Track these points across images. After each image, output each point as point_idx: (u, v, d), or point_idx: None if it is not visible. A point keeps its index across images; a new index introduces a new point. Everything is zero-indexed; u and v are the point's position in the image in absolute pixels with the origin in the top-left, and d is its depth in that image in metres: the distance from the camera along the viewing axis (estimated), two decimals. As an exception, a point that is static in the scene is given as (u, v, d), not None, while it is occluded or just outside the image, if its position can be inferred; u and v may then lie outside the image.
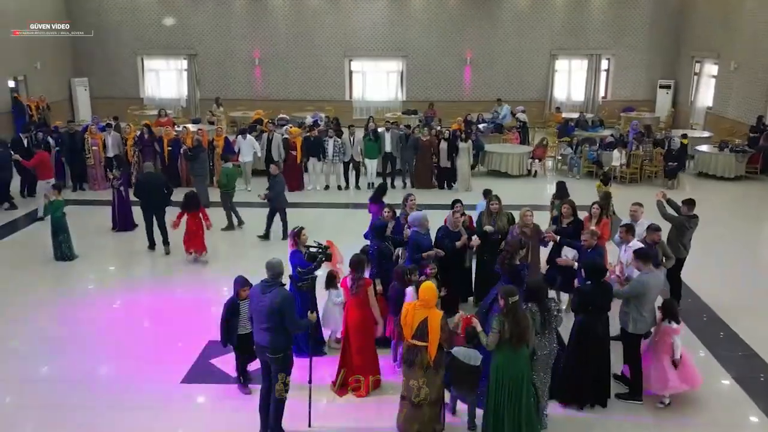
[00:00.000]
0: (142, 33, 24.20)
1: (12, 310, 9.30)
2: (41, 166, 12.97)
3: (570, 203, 9.25)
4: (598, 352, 6.87)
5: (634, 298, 6.96)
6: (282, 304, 5.98)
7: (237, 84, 24.35)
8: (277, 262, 6.17)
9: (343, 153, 15.33)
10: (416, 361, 6.11)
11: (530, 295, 6.51)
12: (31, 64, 21.79)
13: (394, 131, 15.73)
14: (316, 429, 6.62)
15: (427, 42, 24.17)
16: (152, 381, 7.50)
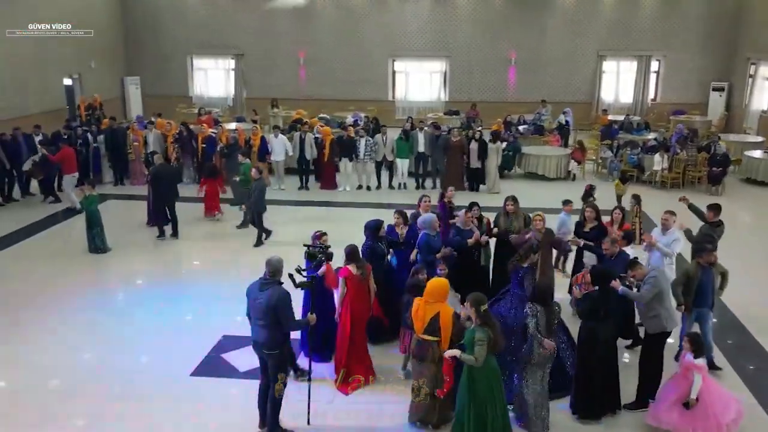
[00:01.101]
0: (191, 33, 24.77)
1: (41, 298, 9.69)
2: (66, 161, 13.41)
3: (593, 207, 9.04)
4: (606, 358, 6.72)
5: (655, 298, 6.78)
6: (278, 302, 6.04)
7: (282, 83, 24.62)
8: (276, 260, 6.22)
9: (375, 153, 15.36)
10: (428, 356, 6.17)
11: (537, 296, 6.46)
12: (85, 62, 22.62)
13: (427, 131, 15.67)
14: (315, 427, 6.66)
15: (471, 42, 23.99)
16: (163, 372, 7.71)
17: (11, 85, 18.60)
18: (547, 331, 6.32)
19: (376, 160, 15.49)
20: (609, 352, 6.74)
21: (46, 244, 12.18)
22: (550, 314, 6.33)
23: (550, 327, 6.35)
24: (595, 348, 6.65)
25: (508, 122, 19.74)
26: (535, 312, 6.29)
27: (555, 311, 6.43)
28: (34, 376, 7.62)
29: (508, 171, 17.25)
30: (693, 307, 7.53)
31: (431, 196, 9.87)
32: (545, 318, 6.31)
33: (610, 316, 6.69)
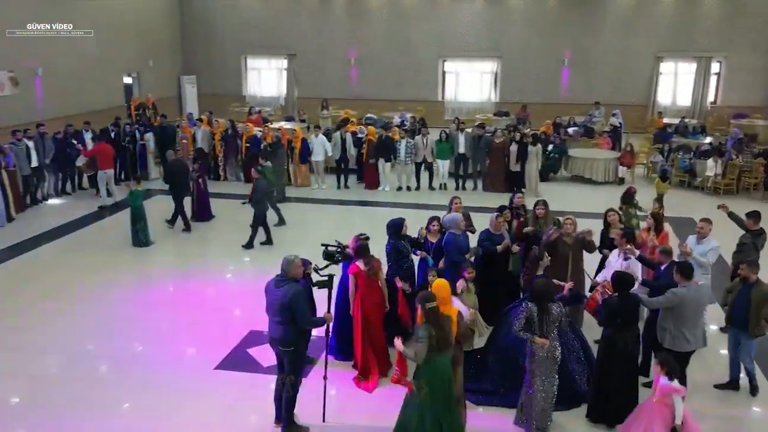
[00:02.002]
0: (246, 33, 25.27)
1: (81, 288, 10.09)
2: (101, 156, 13.83)
3: (615, 210, 8.81)
4: (625, 366, 6.55)
5: (669, 312, 6.57)
6: (292, 299, 6.10)
7: (332, 83, 24.89)
8: (290, 258, 6.28)
9: (415, 154, 15.33)
10: None
11: (533, 295, 6.40)
12: (144, 61, 23.39)
13: (468, 132, 15.54)
14: (330, 424, 6.71)
15: (523, 42, 23.67)
16: (188, 364, 7.92)
17: (75, 83, 19.38)
18: (540, 331, 6.22)
19: (416, 161, 15.45)
20: (628, 361, 6.55)
21: (93, 236, 12.64)
22: (543, 314, 6.22)
23: (544, 328, 6.22)
24: (612, 356, 6.50)
25: (557, 124, 19.38)
26: (528, 312, 6.19)
27: (552, 313, 6.29)
28: (68, 364, 7.93)
29: (554, 174, 16.95)
30: (730, 326, 7.29)
31: (473, 198, 9.75)
32: (538, 318, 6.21)
33: (630, 325, 6.51)
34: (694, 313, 6.63)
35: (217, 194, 14.40)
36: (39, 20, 17.87)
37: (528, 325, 6.33)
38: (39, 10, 18.07)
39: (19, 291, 10.04)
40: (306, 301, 6.35)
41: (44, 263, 11.27)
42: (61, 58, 18.83)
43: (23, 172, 13.40)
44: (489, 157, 15.36)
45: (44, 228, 12.74)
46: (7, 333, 8.68)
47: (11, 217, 12.87)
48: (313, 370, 7.59)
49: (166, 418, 6.87)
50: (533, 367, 6.42)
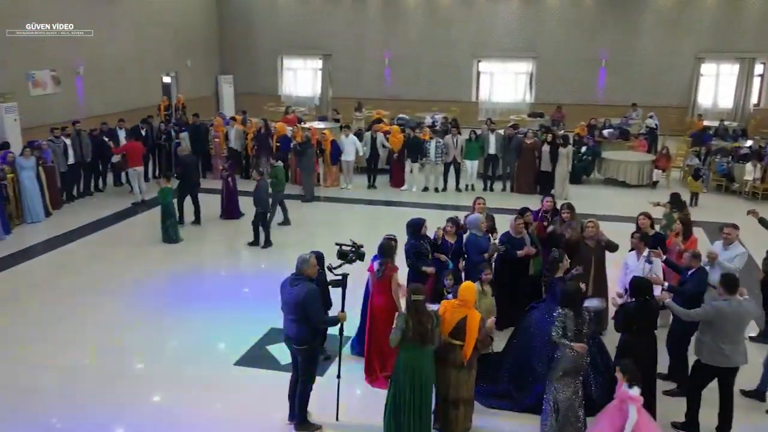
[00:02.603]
0: (282, 33, 25.56)
1: (111, 283, 10.33)
2: (130, 154, 14.16)
3: (646, 214, 8.64)
4: (642, 374, 6.36)
5: (708, 325, 6.35)
6: (306, 298, 6.14)
7: (367, 83, 24.99)
8: (304, 258, 6.32)
9: (445, 154, 15.28)
10: (449, 359, 6.11)
11: (565, 300, 6.28)
12: (182, 61, 23.83)
13: (499, 133, 15.43)
14: (344, 423, 6.75)
15: (559, 43, 23.40)
16: (209, 360, 8.04)
17: (114, 81, 19.85)
18: (576, 337, 6.13)
19: (446, 161, 15.39)
20: (644, 367, 6.37)
21: (125, 232, 12.94)
22: (578, 318, 6.13)
23: (580, 332, 6.15)
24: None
25: (592, 126, 19.09)
26: (563, 318, 6.10)
27: (585, 317, 6.20)
28: (95, 356, 8.13)
29: (587, 176, 16.71)
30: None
31: (501, 199, 9.67)
32: (573, 323, 6.12)
33: (647, 331, 6.37)
34: (735, 328, 6.33)
35: (248, 193, 14.53)
36: (79, 19, 18.38)
37: (565, 332, 6.24)
38: (79, 9, 18.55)
39: (54, 284, 10.35)
40: (319, 301, 6.37)
41: (77, 257, 11.58)
42: (101, 57, 19.31)
43: (60, 168, 13.78)
44: (519, 158, 15.23)
45: (79, 223, 13.09)
46: (38, 325, 8.93)
47: (48, 212, 13.23)
48: (331, 368, 7.62)
49: (185, 412, 6.98)
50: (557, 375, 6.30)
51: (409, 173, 15.76)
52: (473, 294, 6.17)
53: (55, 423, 6.77)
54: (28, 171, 12.59)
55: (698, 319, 6.44)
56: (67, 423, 6.78)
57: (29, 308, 9.43)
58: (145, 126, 15.86)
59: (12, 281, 10.46)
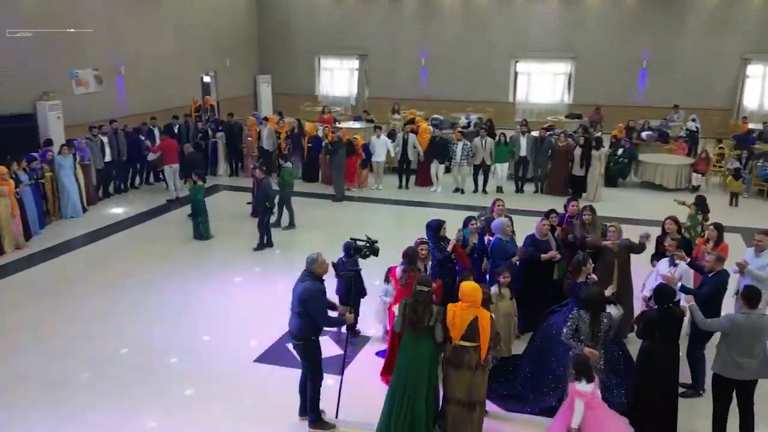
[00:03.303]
0: (320, 34, 25.69)
1: (141, 278, 10.57)
2: (166, 152, 14.45)
3: (673, 218, 8.42)
4: (663, 380, 6.26)
5: (725, 335, 6.17)
6: (308, 295, 6.28)
7: (402, 83, 24.95)
8: (312, 258, 6.42)
9: (472, 156, 15.17)
10: (464, 362, 6.04)
11: (583, 303, 6.22)
12: (221, 61, 24.19)
13: (530, 135, 15.25)
14: (343, 421, 6.78)
15: (599, 43, 22.97)
16: (230, 356, 8.14)
17: (154, 81, 20.24)
18: (591, 340, 6.04)
19: (474, 163, 15.28)
20: (666, 375, 6.24)
21: (158, 229, 13.21)
22: (594, 323, 6.03)
23: (595, 336, 6.04)
24: (649, 369, 6.25)
25: (630, 128, 18.71)
26: (576, 319, 6.01)
27: (602, 322, 6.10)
28: (120, 350, 8.33)
29: (623, 179, 16.38)
30: None
31: (532, 202, 9.56)
32: (588, 327, 6.01)
33: (670, 339, 6.21)
34: (753, 341, 6.09)
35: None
36: (126, 19, 18.83)
37: (577, 334, 6.17)
38: (126, 9, 19.01)
39: (86, 278, 10.63)
40: (323, 301, 6.45)
41: (111, 253, 11.86)
42: (142, 57, 19.70)
43: (97, 166, 14.14)
44: (551, 160, 15.03)
45: (114, 219, 13.43)
46: (70, 318, 9.18)
47: (84, 208, 13.58)
48: (352, 365, 7.70)
49: (204, 406, 7.10)
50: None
51: (434, 174, 15.71)
52: (478, 293, 6.09)
53: (81, 414, 6.93)
54: (66, 169, 12.96)
55: (713, 330, 6.29)
56: (92, 414, 6.94)
57: (61, 301, 9.69)
58: (176, 121, 16.13)
59: (46, 275, 10.79)
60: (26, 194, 11.89)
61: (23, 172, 12.02)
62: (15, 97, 15.43)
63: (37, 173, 12.42)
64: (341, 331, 8.24)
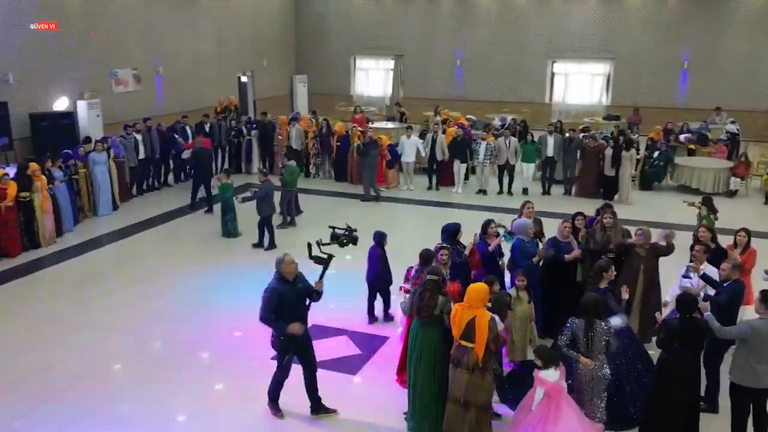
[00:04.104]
0: (356, 34, 25.79)
1: (168, 274, 10.76)
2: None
3: (707, 226, 8.17)
4: (683, 393, 6.06)
5: (743, 343, 5.99)
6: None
7: (437, 83, 24.88)
8: (280, 257, 6.53)
9: (496, 156, 15.02)
10: (462, 362, 6.02)
11: (580, 309, 6.13)
12: (259, 61, 24.46)
13: (557, 135, 15.03)
14: (356, 421, 6.83)
15: (638, 43, 22.50)
16: (247, 352, 8.20)
17: (192, 80, 20.60)
18: (586, 348, 5.96)
19: (498, 164, 15.12)
20: (686, 387, 6.04)
21: (189, 225, 13.42)
22: (589, 330, 5.94)
23: (590, 345, 5.94)
24: (667, 381, 6.06)
25: (668, 130, 18.28)
26: (573, 327, 5.90)
27: (598, 330, 5.97)
28: (141, 344, 8.50)
29: (658, 182, 16.00)
30: None
31: (561, 203, 9.42)
32: (583, 335, 5.92)
33: (691, 350, 6.03)
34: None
35: (307, 190, 14.85)
36: (165, 19, 19.23)
37: (573, 342, 6.08)
38: (164, 9, 19.38)
39: (114, 273, 10.91)
40: (269, 302, 6.42)
41: (140, 249, 12.11)
42: (180, 57, 20.08)
43: (130, 163, 14.45)
44: (582, 161, 14.84)
45: (145, 216, 13.67)
46: (95, 312, 9.39)
47: (117, 205, 13.89)
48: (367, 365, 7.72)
49: (231, 401, 7.17)
50: (578, 387, 6.16)
51: (457, 174, 15.62)
52: (479, 294, 6.03)
53: (98, 406, 7.08)
54: (100, 165, 13.25)
55: (731, 337, 6.09)
56: (108, 406, 7.08)
57: (89, 296, 9.92)
58: (207, 121, 16.39)
59: (77, 269, 11.04)
60: (59, 191, 12.20)
61: (57, 169, 12.33)
62: (56, 95, 15.90)
63: (71, 170, 12.74)
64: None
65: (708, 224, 9.01)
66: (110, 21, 17.47)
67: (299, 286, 6.50)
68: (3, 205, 11.02)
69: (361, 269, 9.31)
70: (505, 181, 15.38)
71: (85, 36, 16.66)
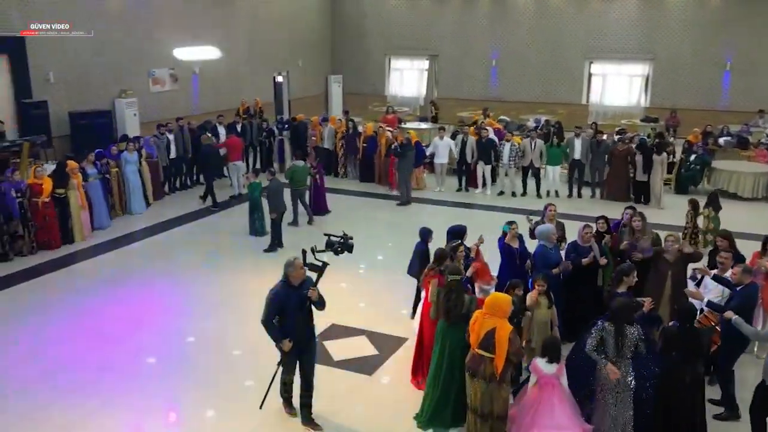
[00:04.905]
0: (391, 34, 25.78)
1: (193, 271, 10.93)
2: (231, 149, 14.86)
3: (725, 234, 7.94)
4: (682, 403, 5.94)
5: None
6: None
7: (472, 84, 24.70)
8: (290, 260, 6.46)
9: (520, 158, 14.86)
10: (479, 371, 5.96)
11: (610, 314, 6.00)
12: (294, 61, 24.66)
13: (585, 138, 14.79)
14: (370, 425, 6.79)
15: (679, 44, 21.95)
16: (266, 350, 8.24)
17: (229, 80, 20.87)
18: (615, 354, 5.82)
19: (522, 165, 14.97)
20: (685, 401, 5.92)
21: (219, 223, 13.63)
22: (619, 336, 5.80)
23: (620, 350, 5.81)
24: (668, 389, 5.95)
25: (707, 133, 17.82)
26: (601, 331, 5.78)
27: (628, 336, 5.84)
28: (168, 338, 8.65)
29: (695, 186, 15.60)
30: None
31: (589, 207, 9.29)
32: (613, 339, 5.79)
33: (690, 360, 5.89)
34: None
35: (335, 190, 14.94)
36: (201, 19, 19.51)
37: (601, 346, 5.96)
38: (203, 10, 19.71)
39: (146, 270, 11.08)
40: (269, 305, 6.37)
41: (170, 245, 12.35)
42: (218, 57, 20.30)
43: (163, 163, 14.73)
44: (609, 164, 14.57)
45: (177, 214, 13.93)
46: (125, 305, 9.60)
47: (148, 203, 14.18)
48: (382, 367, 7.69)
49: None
50: (601, 395, 6.04)
51: (481, 176, 15.54)
52: (501, 305, 5.94)
53: (118, 398, 7.25)
54: (132, 165, 13.55)
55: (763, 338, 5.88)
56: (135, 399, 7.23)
57: (120, 290, 10.15)
58: (239, 120, 16.60)
59: (108, 265, 11.32)
60: (93, 188, 12.52)
61: (92, 166, 12.66)
62: (95, 94, 16.30)
63: (104, 168, 13.05)
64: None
65: (714, 225, 8.80)
66: (148, 21, 17.81)
67: (303, 293, 6.37)
68: (40, 201, 11.37)
69: (391, 268, 9.25)
70: (531, 184, 15.21)
71: (123, 37, 17.03)
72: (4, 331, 8.80)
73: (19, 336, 8.66)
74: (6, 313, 9.31)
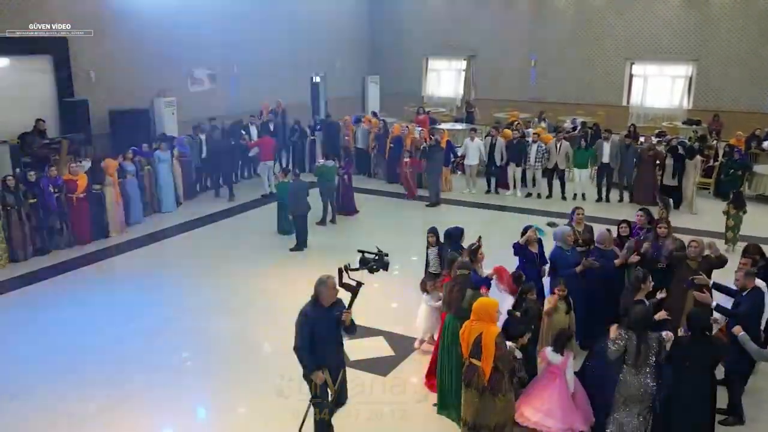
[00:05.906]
0: (429, 35, 25.72)
1: (221, 268, 11.11)
2: (263, 149, 15.05)
3: (755, 247, 7.68)
4: (689, 418, 5.78)
5: None
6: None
7: (509, 85, 24.44)
8: (323, 279, 5.84)
9: (547, 159, 14.66)
10: (472, 381, 5.84)
11: (631, 323, 5.85)
12: (332, 62, 24.81)
13: (614, 141, 14.51)
14: None
15: (724, 44, 21.31)
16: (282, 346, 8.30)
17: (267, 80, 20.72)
18: (635, 361, 5.69)
19: (547, 167, 14.77)
20: (694, 411, 5.74)
21: (249, 221, 13.84)
22: (642, 345, 5.67)
23: (642, 357, 5.69)
24: (676, 402, 5.78)
25: (753, 136, 17.26)
26: (624, 339, 5.66)
27: (651, 345, 5.70)
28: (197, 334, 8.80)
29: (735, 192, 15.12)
30: None
31: (618, 210, 9.16)
32: (635, 347, 5.66)
33: (700, 374, 5.73)
34: None
35: (365, 190, 14.99)
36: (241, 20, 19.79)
37: (624, 354, 5.84)
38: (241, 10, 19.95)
39: (176, 265, 11.41)
40: (301, 328, 5.74)
41: (199, 243, 12.59)
42: (255, 57, 20.47)
43: (196, 162, 15.02)
44: (637, 168, 14.30)
45: (208, 212, 14.18)
46: (144, 304, 9.79)
47: (179, 202, 14.47)
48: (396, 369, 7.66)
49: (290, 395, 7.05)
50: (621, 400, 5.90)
51: (511, 177, 15.41)
52: (486, 309, 5.80)
53: (134, 389, 7.44)
54: (164, 163, 13.85)
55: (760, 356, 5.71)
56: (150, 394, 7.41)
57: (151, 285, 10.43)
58: (272, 120, 16.80)
59: (141, 260, 11.64)
60: (130, 184, 12.89)
61: (130, 163, 13.01)
62: (135, 93, 16.69)
63: (138, 165, 13.38)
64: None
65: (735, 222, 8.56)
66: (189, 22, 18.14)
67: (335, 314, 5.75)
68: (74, 197, 11.73)
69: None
70: (556, 186, 15.01)
71: (164, 36, 17.39)
72: (35, 320, 9.13)
73: (48, 326, 8.96)
74: (39, 304, 9.65)
